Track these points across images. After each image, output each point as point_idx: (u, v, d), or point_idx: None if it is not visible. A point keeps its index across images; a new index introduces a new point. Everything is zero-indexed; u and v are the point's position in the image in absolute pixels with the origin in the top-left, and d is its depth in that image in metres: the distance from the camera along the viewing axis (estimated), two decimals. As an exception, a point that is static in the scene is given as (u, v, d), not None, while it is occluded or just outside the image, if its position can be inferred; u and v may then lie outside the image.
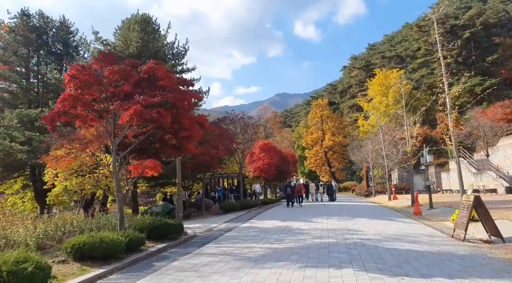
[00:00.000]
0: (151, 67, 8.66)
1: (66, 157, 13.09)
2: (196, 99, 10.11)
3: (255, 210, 22.22)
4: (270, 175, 29.14)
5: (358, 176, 60.72)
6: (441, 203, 19.26)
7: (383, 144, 29.17)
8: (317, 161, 58.74)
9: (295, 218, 15.96)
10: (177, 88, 9.04)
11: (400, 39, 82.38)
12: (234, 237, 11.21)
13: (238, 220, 16.68)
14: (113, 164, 9.82)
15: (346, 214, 17.40)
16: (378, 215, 16.37)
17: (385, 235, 10.20)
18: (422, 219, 14.24)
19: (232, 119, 24.77)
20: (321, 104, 59.63)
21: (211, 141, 19.39)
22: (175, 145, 10.41)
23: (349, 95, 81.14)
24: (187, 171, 19.97)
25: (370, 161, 37.61)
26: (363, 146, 41.08)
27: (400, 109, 22.46)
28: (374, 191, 37.85)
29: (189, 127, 9.36)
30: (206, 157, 18.90)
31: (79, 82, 8.98)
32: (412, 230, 11.26)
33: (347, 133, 58.55)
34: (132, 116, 8.02)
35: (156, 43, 22.56)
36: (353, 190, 49.99)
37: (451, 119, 12.92)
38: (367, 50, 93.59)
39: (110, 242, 7.63)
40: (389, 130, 31.64)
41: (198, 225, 15.50)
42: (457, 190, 31.12)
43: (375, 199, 31.92)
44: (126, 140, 10.26)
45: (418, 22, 73.32)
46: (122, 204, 9.85)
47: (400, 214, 17.15)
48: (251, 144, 26.53)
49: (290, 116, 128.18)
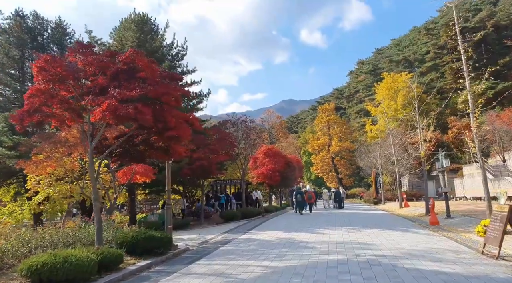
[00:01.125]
0: (129, 56, 7.45)
1: (46, 162, 11.96)
2: (183, 94, 8.89)
3: (258, 219, 20.89)
4: (274, 182, 27.78)
5: (366, 183, 59.11)
6: (458, 212, 17.80)
7: (394, 148, 27.74)
8: (323, 167, 57.30)
9: (300, 229, 14.61)
10: (160, 81, 7.81)
11: (408, 43, 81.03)
12: (230, 252, 9.91)
13: (238, 230, 15.36)
14: (89, 170, 8.58)
15: (356, 223, 16.02)
16: (391, 225, 14.96)
17: (402, 251, 8.83)
18: (441, 230, 12.83)
19: (233, 123, 23.53)
20: (328, 108, 58.33)
21: (210, 145, 18.16)
22: (163, 148, 9.17)
23: (356, 100, 79.71)
24: (185, 177, 18.75)
25: (379, 167, 36.13)
26: (371, 151, 39.66)
27: (413, 111, 21.07)
28: (383, 198, 36.30)
29: (176, 126, 8.13)
30: (204, 162, 17.65)
31: (50, 75, 7.80)
32: (433, 243, 9.87)
33: (354, 139, 57.05)
34: (105, 113, 6.81)
35: (153, 43, 21.49)
36: (361, 197, 48.44)
37: (474, 118, 11.54)
38: (374, 55, 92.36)
39: (76, 262, 6.37)
40: (399, 134, 30.19)
41: (194, 236, 14.21)
42: (472, 197, 29.55)
43: (385, 207, 30.41)
44: (107, 142, 9.05)
45: (427, 25, 72.00)
46: (100, 215, 8.60)
47: (414, 223, 15.72)
48: (254, 149, 25.23)
49: (296, 122, 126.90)
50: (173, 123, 8.12)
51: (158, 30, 23.72)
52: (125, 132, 8.98)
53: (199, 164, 17.67)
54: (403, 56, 74.91)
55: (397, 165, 27.74)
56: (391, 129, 40.96)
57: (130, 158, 9.29)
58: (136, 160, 9.55)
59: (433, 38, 67.77)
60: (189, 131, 8.62)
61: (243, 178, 23.80)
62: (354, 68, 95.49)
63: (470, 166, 30.56)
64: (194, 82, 24.90)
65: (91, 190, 15.09)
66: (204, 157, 17.86)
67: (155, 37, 22.03)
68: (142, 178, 14.06)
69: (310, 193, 25.75)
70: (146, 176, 14.00)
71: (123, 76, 7.61)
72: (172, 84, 8.07)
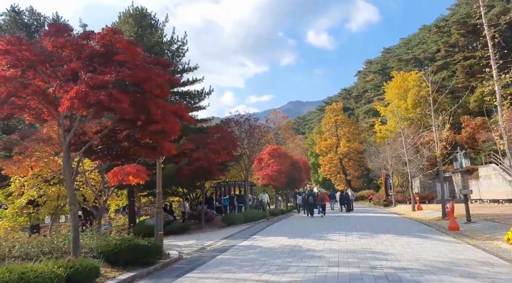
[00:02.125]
0: (105, 36, 6.38)
1: (27, 161, 10.96)
2: (171, 82, 7.77)
3: (262, 223, 19.75)
4: (280, 183, 26.63)
5: (375, 184, 57.55)
6: (478, 216, 16.47)
7: (405, 148, 26.39)
8: (331, 169, 55.90)
9: (307, 234, 13.43)
10: (141, 65, 6.72)
11: (417, 42, 79.45)
12: (227, 262, 8.78)
13: (240, 235, 14.23)
14: (64, 168, 7.50)
15: (367, 228, 14.79)
16: (406, 230, 13.72)
17: (425, 262, 7.62)
18: (463, 236, 11.57)
19: (237, 121, 22.42)
20: (335, 108, 56.97)
21: (211, 145, 17.06)
22: (149, 145, 8.08)
23: (365, 100, 78.14)
24: (184, 179, 17.63)
25: (390, 167, 34.78)
26: (381, 152, 38.33)
27: (427, 107, 19.75)
28: (394, 201, 34.87)
29: (162, 118, 7.03)
30: (204, 163, 16.55)
31: (17, 60, 6.77)
32: (458, 253, 8.64)
33: (363, 139, 55.57)
34: (73, 100, 5.75)
35: (152, 38, 20.47)
36: (371, 199, 46.97)
37: (502, 111, 10.27)
38: (382, 54, 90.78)
39: (35, 280, 5.29)
40: (411, 133, 28.83)
41: (192, 241, 13.12)
42: (488, 200, 28.08)
43: (396, 210, 29.04)
44: (86, 138, 7.97)
45: (437, 23, 70.38)
46: (76, 220, 7.51)
47: (431, 228, 14.44)
48: (258, 148, 24.07)
49: (303, 124, 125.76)
50: (159, 116, 7.03)
51: (158, 25, 22.76)
52: (105, 126, 7.89)
53: (198, 164, 16.58)
54: (412, 55, 73.28)
55: (409, 166, 26.39)
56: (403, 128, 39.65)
57: (114, 156, 8.21)
58: (120, 158, 8.48)
59: (444, 36, 66.15)
60: (177, 125, 7.51)
61: (246, 180, 22.66)
62: (362, 68, 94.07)
63: (487, 166, 29.11)
64: (196, 80, 23.89)
65: (85, 192, 14.15)
66: (204, 157, 16.77)
67: (154, 32, 21.03)
68: (135, 179, 13.00)
69: (323, 195, 24.71)
70: (139, 177, 12.94)
71: (99, 60, 6.55)
72: (155, 69, 6.97)
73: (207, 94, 23.89)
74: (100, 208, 11.56)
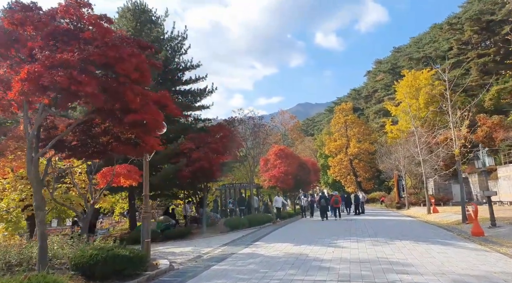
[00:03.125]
0: (66, 9, 5.34)
1: (2, 161, 10.01)
2: (151, 64, 6.67)
3: (268, 227, 18.59)
4: (287, 185, 25.49)
5: (386, 186, 55.92)
6: (503, 219, 15.14)
7: (419, 147, 25.02)
8: (341, 170, 54.45)
9: (315, 240, 12.25)
10: (112, 44, 5.66)
11: (428, 40, 77.67)
12: (222, 274, 7.68)
13: (242, 241, 13.11)
14: (27, 168, 6.46)
15: (381, 233, 13.56)
16: (424, 235, 12.46)
17: (453, 276, 6.43)
18: (490, 243, 10.29)
19: (240, 120, 21.32)
20: (345, 108, 55.56)
21: (211, 144, 15.99)
22: (131, 140, 7.02)
23: (375, 100, 76.56)
24: (184, 180, 16.58)
25: (402, 168, 33.37)
26: (392, 152, 36.92)
27: (444, 102, 18.47)
28: (407, 203, 33.41)
29: (140, 108, 5.96)
30: (205, 163, 15.49)
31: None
32: (491, 265, 7.40)
33: (373, 140, 54.03)
34: (24, 83, 4.72)
35: (150, 33, 19.52)
36: (382, 202, 45.47)
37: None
38: (392, 53, 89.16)
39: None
40: (426, 132, 27.46)
41: (189, 248, 12.06)
42: (509, 202, 26.52)
43: (410, 212, 27.63)
44: (57, 132, 6.95)
45: (449, 20, 68.63)
46: (43, 228, 6.48)
47: (452, 233, 13.15)
48: (265, 149, 22.94)
49: (312, 125, 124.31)
50: (137, 104, 5.98)
51: (158, 21, 21.81)
52: (81, 121, 6.85)
53: (198, 165, 15.54)
54: (423, 53, 71.54)
55: (424, 166, 25.00)
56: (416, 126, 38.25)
57: (90, 152, 7.16)
58: (98, 155, 7.43)
59: (456, 33, 64.39)
60: (160, 116, 6.45)
61: (251, 181, 21.54)
62: (371, 68, 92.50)
63: (506, 167, 27.56)
64: (199, 78, 22.92)
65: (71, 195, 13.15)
66: (205, 157, 15.72)
67: (153, 28, 20.07)
68: (127, 180, 12.03)
69: (337, 197, 23.46)
70: (131, 179, 11.96)
71: (63, 38, 5.50)
72: (129, 48, 5.90)
73: (210, 92, 22.90)
74: (88, 212, 10.55)
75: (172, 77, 22.23)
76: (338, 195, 26.78)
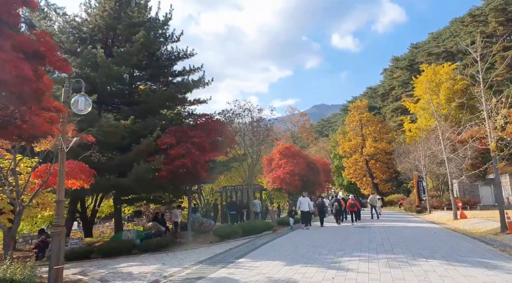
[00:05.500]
0: None
1: None
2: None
3: (266, 235, 15.92)
4: (294, 187, 22.84)
5: (405, 188, 52.50)
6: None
7: (443, 144, 21.97)
8: (357, 172, 51.28)
9: (313, 257, 9.55)
10: None
11: (449, 35, 73.74)
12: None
13: (223, 258, 10.49)
14: None
15: (400, 246, 10.75)
16: (458, 251, 9.61)
17: None
18: (553, 266, 7.42)
19: (238, 114, 18.73)
20: (360, 105, 52.41)
21: (194, 139, 13.46)
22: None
23: (392, 98, 72.99)
24: (165, 181, 14.09)
25: (423, 168, 30.25)
26: (411, 152, 33.82)
27: (477, 86, 15.55)
28: (429, 206, 30.24)
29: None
30: (186, 162, 12.98)
31: None
32: None
33: (391, 139, 50.71)
34: None
35: (132, 15, 17.18)
36: (401, 205, 42.22)
37: None
38: (410, 50, 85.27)
39: None
40: (450, 127, 24.39)
41: (154, 267, 9.55)
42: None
43: (432, 217, 24.52)
44: None
45: (472, 12, 64.76)
46: None
47: (492, 248, 10.23)
48: (263, 145, 20.26)
49: (327, 126, 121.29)
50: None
51: (147, 3, 19.47)
52: None
53: (179, 163, 13.04)
54: (444, 48, 67.84)
55: (449, 165, 21.91)
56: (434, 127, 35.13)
57: None
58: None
59: (479, 25, 60.51)
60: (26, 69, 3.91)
61: (249, 183, 18.92)
62: (388, 66, 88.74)
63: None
64: (194, 68, 20.53)
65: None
66: (186, 154, 13.21)
67: (135, 9, 17.68)
68: (77, 182, 9.60)
69: (354, 201, 21.08)
70: (80, 180, 9.52)
71: None
72: None
73: (207, 84, 20.49)
74: (15, 223, 8.12)
75: (161, 66, 19.95)
76: (354, 198, 24.16)
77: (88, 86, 15.53)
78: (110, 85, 15.79)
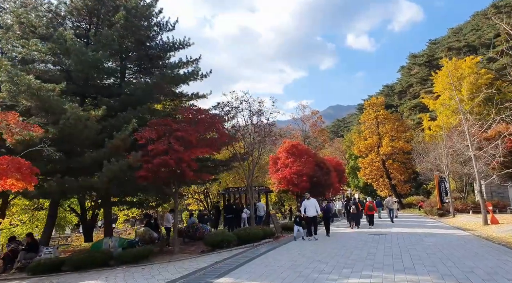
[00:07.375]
0: None
1: None
2: None
3: (265, 244, 13.89)
4: (301, 188, 20.72)
5: (424, 190, 49.61)
6: None
7: (470, 140, 19.52)
8: (373, 172, 48.62)
9: (311, 277, 7.50)
10: None
11: (470, 29, 70.25)
12: None
13: (202, 276, 8.53)
14: None
15: (424, 263, 8.56)
16: (501, 273, 7.40)
17: None
18: None
19: (236, 107, 16.79)
20: (376, 103, 49.80)
21: (178, 133, 11.56)
22: None
23: (410, 95, 70.04)
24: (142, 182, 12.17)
25: (445, 168, 27.71)
26: (431, 150, 31.30)
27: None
28: (452, 209, 27.65)
29: None
30: (168, 159, 11.09)
31: None
32: None
33: (409, 138, 47.93)
34: None
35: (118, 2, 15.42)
36: (420, 207, 39.52)
37: None
38: (428, 46, 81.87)
39: None
40: (476, 121, 21.92)
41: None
42: None
43: (457, 222, 22.01)
44: None
45: (496, 3, 61.36)
46: None
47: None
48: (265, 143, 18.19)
49: (343, 126, 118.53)
50: None
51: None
52: None
53: (159, 161, 11.16)
54: (465, 42, 64.54)
55: (476, 164, 19.40)
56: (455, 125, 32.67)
57: None
58: None
59: (504, 17, 57.03)
60: None
61: (249, 184, 16.94)
62: (405, 63, 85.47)
63: None
64: (190, 60, 18.73)
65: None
66: (170, 151, 11.33)
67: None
68: (17, 183, 7.83)
69: (371, 203, 19.80)
70: (20, 180, 7.74)
71: None
72: None
73: (205, 76, 18.72)
74: None
75: (154, 57, 18.27)
76: (372, 200, 22.13)
77: (63, 74, 13.92)
78: (91, 75, 14.06)
